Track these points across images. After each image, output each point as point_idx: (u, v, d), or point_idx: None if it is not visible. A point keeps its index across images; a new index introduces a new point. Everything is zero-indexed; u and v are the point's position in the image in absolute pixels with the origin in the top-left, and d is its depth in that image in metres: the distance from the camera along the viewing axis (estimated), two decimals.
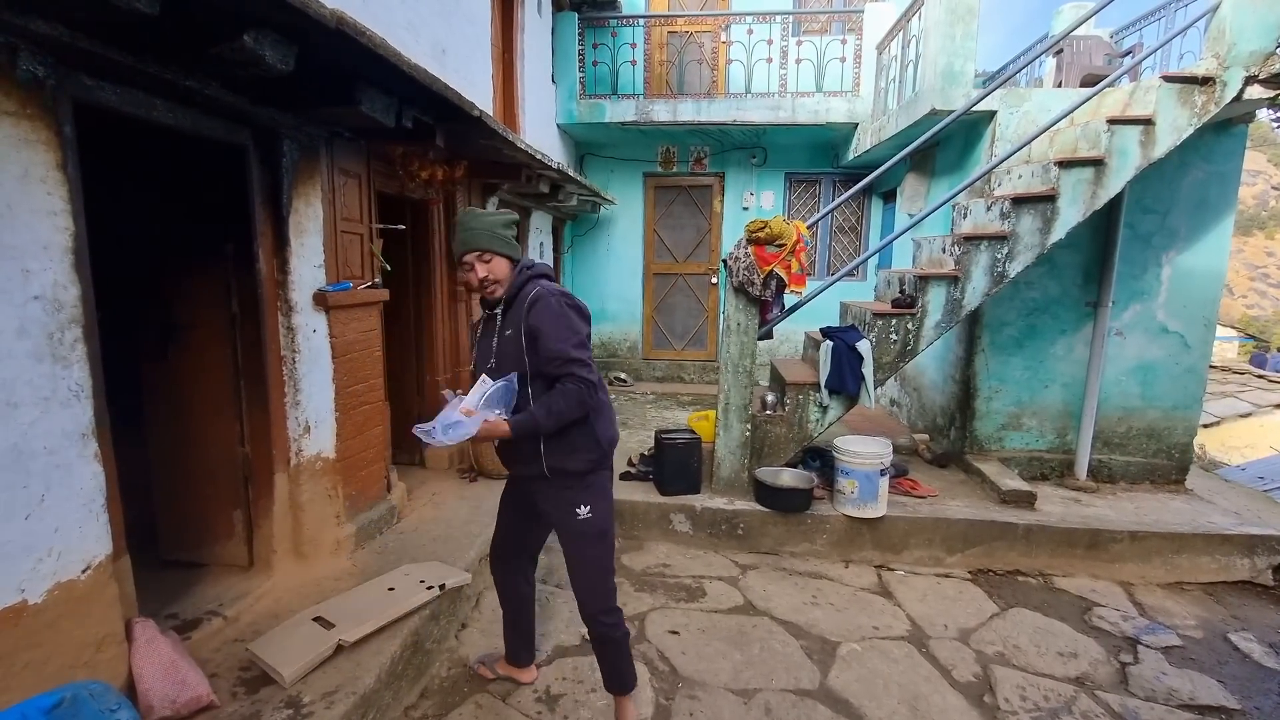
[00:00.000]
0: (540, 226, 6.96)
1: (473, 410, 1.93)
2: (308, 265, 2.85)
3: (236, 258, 2.65)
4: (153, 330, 2.79)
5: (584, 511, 2.12)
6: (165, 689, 1.99)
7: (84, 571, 1.87)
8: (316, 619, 2.47)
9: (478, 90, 4.77)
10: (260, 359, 2.70)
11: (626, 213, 8.37)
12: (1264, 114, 3.55)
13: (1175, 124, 3.69)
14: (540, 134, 6.53)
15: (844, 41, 7.01)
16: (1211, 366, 8.92)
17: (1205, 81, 3.64)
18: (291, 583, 2.84)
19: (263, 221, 2.65)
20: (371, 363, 3.33)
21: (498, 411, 1.97)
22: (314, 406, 2.93)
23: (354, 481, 3.18)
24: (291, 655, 2.26)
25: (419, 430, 1.91)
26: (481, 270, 2.02)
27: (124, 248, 2.73)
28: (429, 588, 2.73)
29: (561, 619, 3.11)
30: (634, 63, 7.26)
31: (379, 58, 2.14)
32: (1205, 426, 8.45)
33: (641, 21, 7.36)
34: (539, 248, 6.92)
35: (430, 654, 2.71)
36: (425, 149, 3.45)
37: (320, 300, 2.89)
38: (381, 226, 3.44)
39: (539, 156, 4.18)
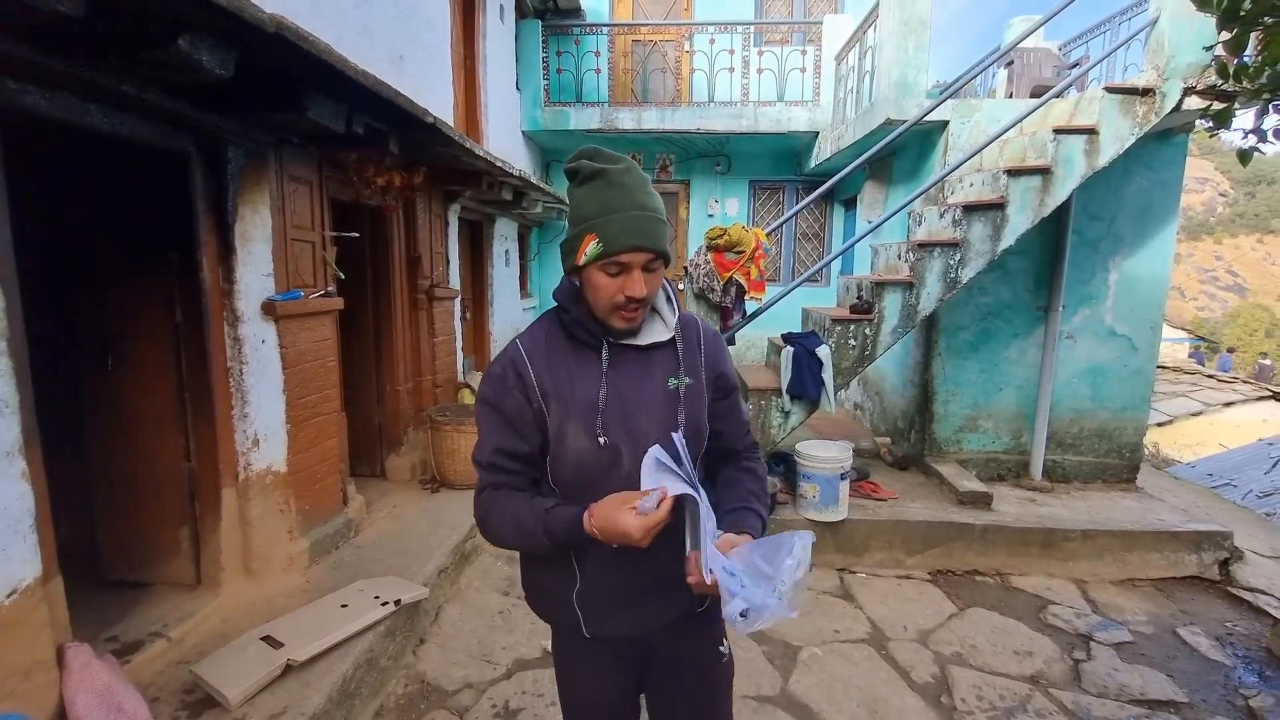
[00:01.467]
0: (505, 234, 6.92)
1: (737, 542, 1.13)
2: (255, 274, 2.78)
3: (179, 267, 2.58)
4: (92, 342, 2.69)
5: (725, 648, 1.43)
6: (99, 717, 1.90)
7: (9, 596, 1.78)
8: (265, 638, 2.40)
9: (438, 97, 4.72)
10: (205, 371, 2.62)
11: None
12: (1202, 123, 3.69)
13: (1118, 133, 3.82)
14: (504, 141, 6.49)
15: (804, 52, 7.13)
16: (1163, 367, 9.25)
17: (1146, 92, 3.78)
18: (241, 601, 2.75)
19: (207, 230, 2.58)
20: (325, 373, 3.26)
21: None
22: (264, 419, 2.85)
23: (307, 495, 3.11)
24: (237, 676, 2.19)
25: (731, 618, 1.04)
26: (648, 284, 1.16)
27: (61, 257, 2.64)
28: (384, 604, 2.67)
29: (523, 630, 3.07)
30: (598, 71, 7.28)
31: (324, 63, 2.11)
32: (1158, 425, 8.73)
33: (605, 30, 7.38)
34: (504, 255, 6.87)
35: (386, 671, 2.64)
36: (380, 155, 3.40)
37: (269, 310, 2.82)
38: (335, 234, 3.38)
39: (499, 164, 4.15)
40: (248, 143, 2.69)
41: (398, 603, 2.71)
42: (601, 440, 1.20)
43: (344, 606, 2.64)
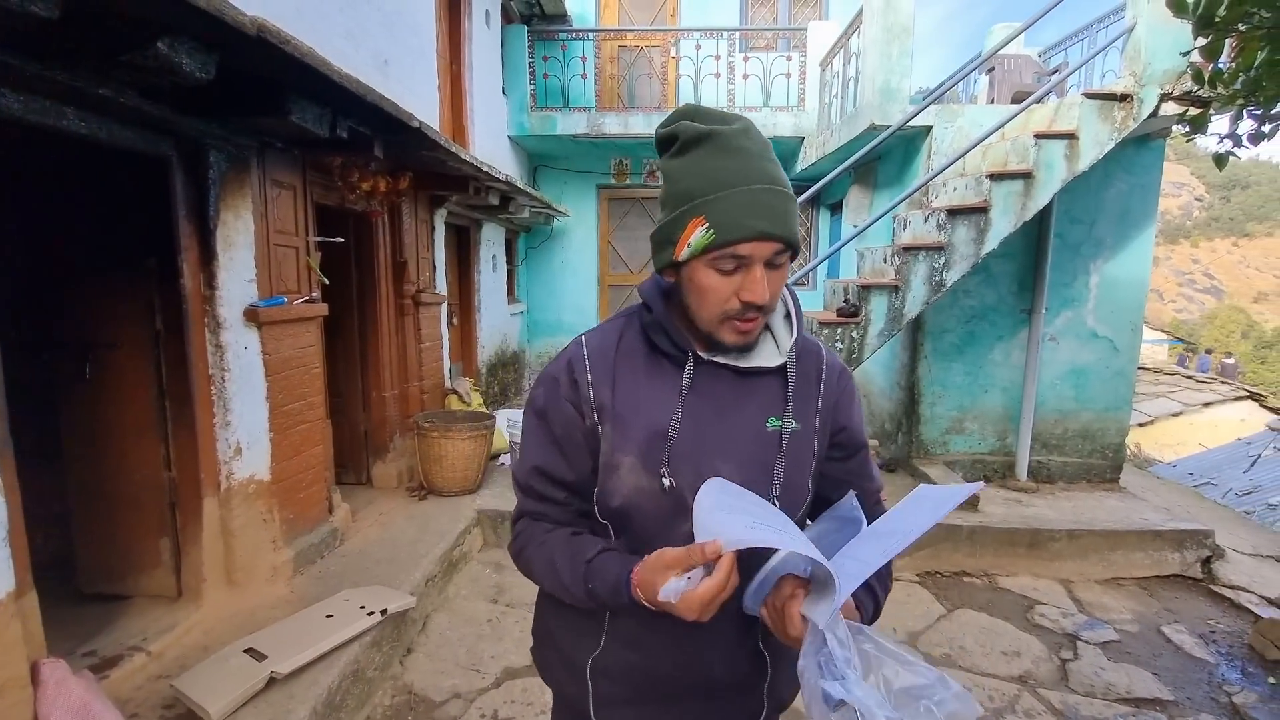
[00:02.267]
0: (492, 239, 6.89)
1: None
2: (237, 280, 2.74)
3: (160, 273, 2.53)
4: (70, 350, 2.64)
5: None
6: None
7: None
8: (248, 650, 2.35)
9: (423, 101, 4.70)
10: (186, 378, 2.58)
11: (580, 224, 8.36)
12: (1179, 128, 3.77)
13: (1097, 138, 3.87)
14: (491, 146, 6.47)
15: (789, 58, 7.18)
16: (1143, 368, 9.38)
17: (1124, 98, 3.84)
18: (223, 613, 2.70)
19: (187, 235, 2.54)
20: (310, 380, 3.22)
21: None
22: (246, 427, 2.81)
23: (291, 504, 3.06)
24: (219, 690, 2.14)
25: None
26: (773, 283, 0.88)
27: (36, 262, 2.59)
28: (370, 613, 2.63)
29: (511, 639, 3.03)
30: (584, 76, 7.29)
31: (306, 66, 2.09)
32: (1139, 426, 8.86)
33: (591, 35, 7.39)
34: (491, 260, 6.84)
35: (372, 682, 2.60)
36: (365, 160, 3.37)
37: (252, 316, 2.78)
38: (320, 239, 3.34)
39: (485, 168, 4.13)
40: (230, 147, 2.65)
41: (384, 612, 2.67)
42: (667, 482, 0.92)
43: (329, 617, 2.60)
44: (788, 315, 1.00)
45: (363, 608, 2.67)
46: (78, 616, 2.56)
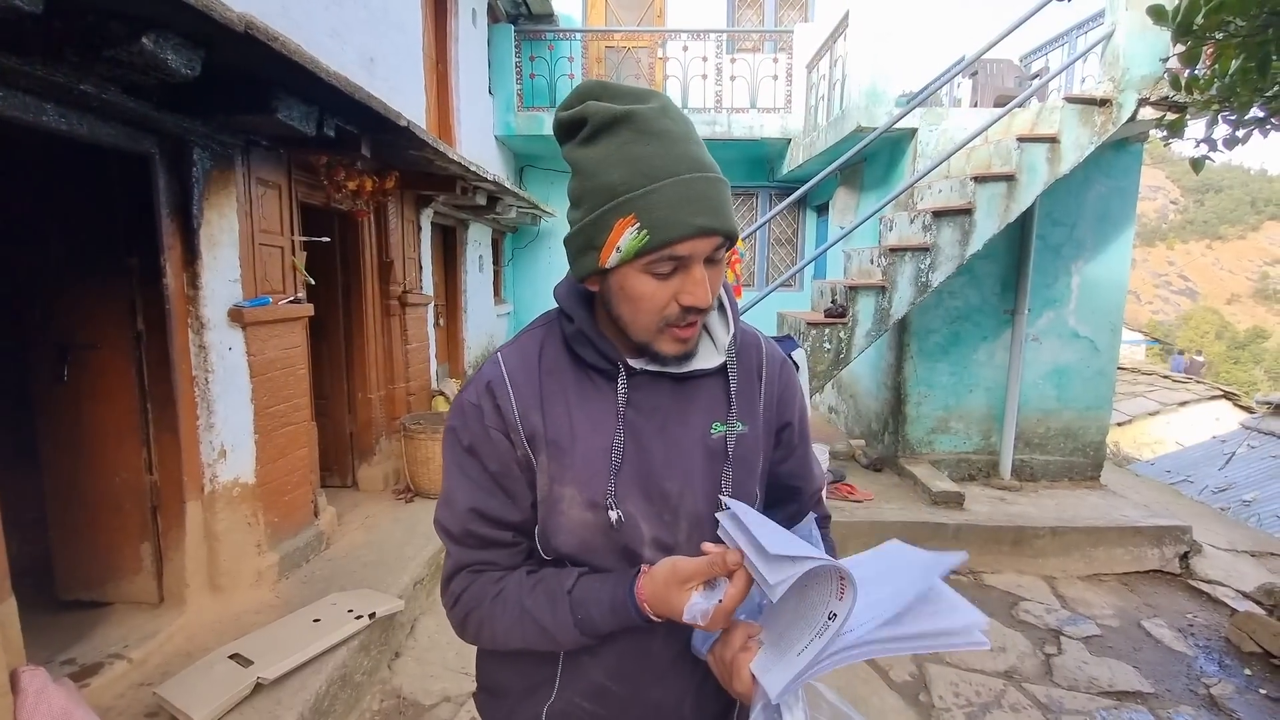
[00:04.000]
0: (479, 239, 6.85)
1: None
2: (221, 280, 2.70)
3: (141, 272, 2.49)
4: (48, 351, 2.58)
5: None
6: None
7: None
8: (233, 656, 2.32)
9: (409, 100, 4.67)
10: (168, 380, 2.53)
11: (567, 225, 8.35)
12: (1156, 133, 3.85)
13: (1078, 142, 3.94)
14: (477, 146, 6.44)
15: (776, 60, 7.22)
16: (1121, 368, 9.55)
17: (1103, 103, 3.91)
18: (207, 619, 2.66)
19: (170, 234, 2.50)
20: (295, 381, 3.18)
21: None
22: (230, 429, 2.77)
23: (277, 507, 3.02)
24: (203, 697, 2.11)
25: None
26: (713, 281, 0.80)
27: (12, 261, 2.53)
28: (358, 617, 2.61)
29: None
30: (571, 76, 7.28)
31: (294, 64, 2.06)
32: (1118, 425, 9.01)
33: (578, 35, 7.39)
34: (478, 261, 6.81)
35: (360, 687, 2.58)
36: (351, 159, 3.34)
37: (236, 316, 2.74)
38: (305, 239, 3.30)
39: (473, 168, 4.11)
40: (214, 145, 2.61)
41: (372, 616, 2.64)
42: (614, 515, 0.81)
43: (316, 621, 2.57)
44: (721, 308, 0.90)
45: (350, 611, 2.64)
46: (56, 624, 2.51)
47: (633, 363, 0.84)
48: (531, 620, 0.81)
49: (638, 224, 0.73)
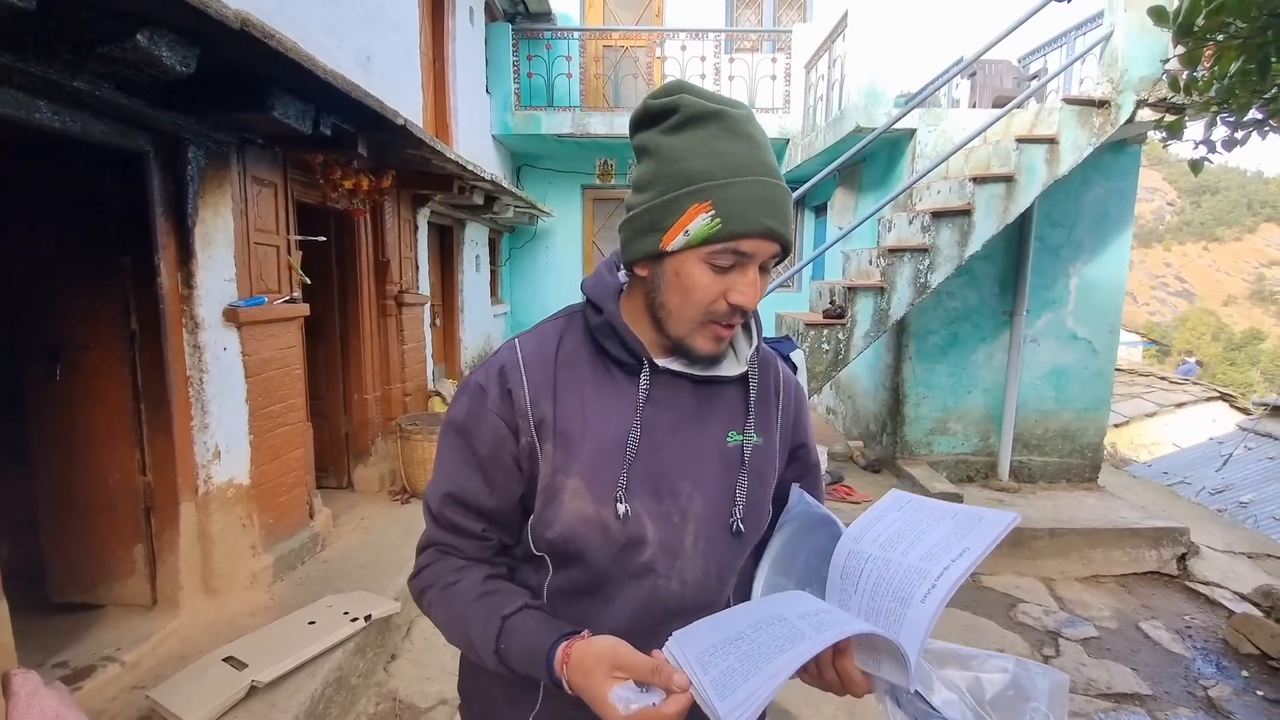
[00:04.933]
0: (476, 239, 6.83)
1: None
2: (217, 279, 2.68)
3: (135, 271, 2.47)
4: (40, 351, 2.55)
5: None
6: None
7: None
8: (227, 659, 2.30)
9: (406, 99, 4.64)
10: (163, 380, 2.51)
11: (565, 225, 8.33)
12: (1155, 134, 3.86)
13: (1076, 143, 3.93)
14: (474, 145, 6.42)
15: (774, 60, 7.22)
16: (1119, 369, 9.58)
17: (1102, 104, 3.90)
18: (201, 621, 2.64)
19: (165, 233, 2.47)
20: (290, 381, 3.16)
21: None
22: (225, 430, 2.74)
23: (271, 509, 3.00)
24: (197, 700, 2.09)
25: None
26: (761, 287, 0.82)
27: (5, 261, 2.50)
28: (354, 619, 2.59)
29: None
30: (569, 75, 7.26)
31: (290, 62, 2.04)
32: (1115, 426, 9.02)
33: (576, 34, 7.37)
34: (475, 261, 6.79)
35: (356, 690, 2.56)
36: (348, 158, 3.32)
37: (231, 316, 2.72)
38: (301, 238, 3.28)
39: (470, 167, 4.09)
40: (209, 143, 2.59)
41: (368, 618, 2.62)
42: (622, 509, 0.80)
43: (311, 623, 2.55)
44: (745, 324, 0.92)
45: (346, 613, 2.62)
46: (48, 627, 2.48)
47: (657, 360, 0.84)
48: (464, 627, 0.82)
49: (712, 211, 0.74)
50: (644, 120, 0.82)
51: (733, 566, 0.88)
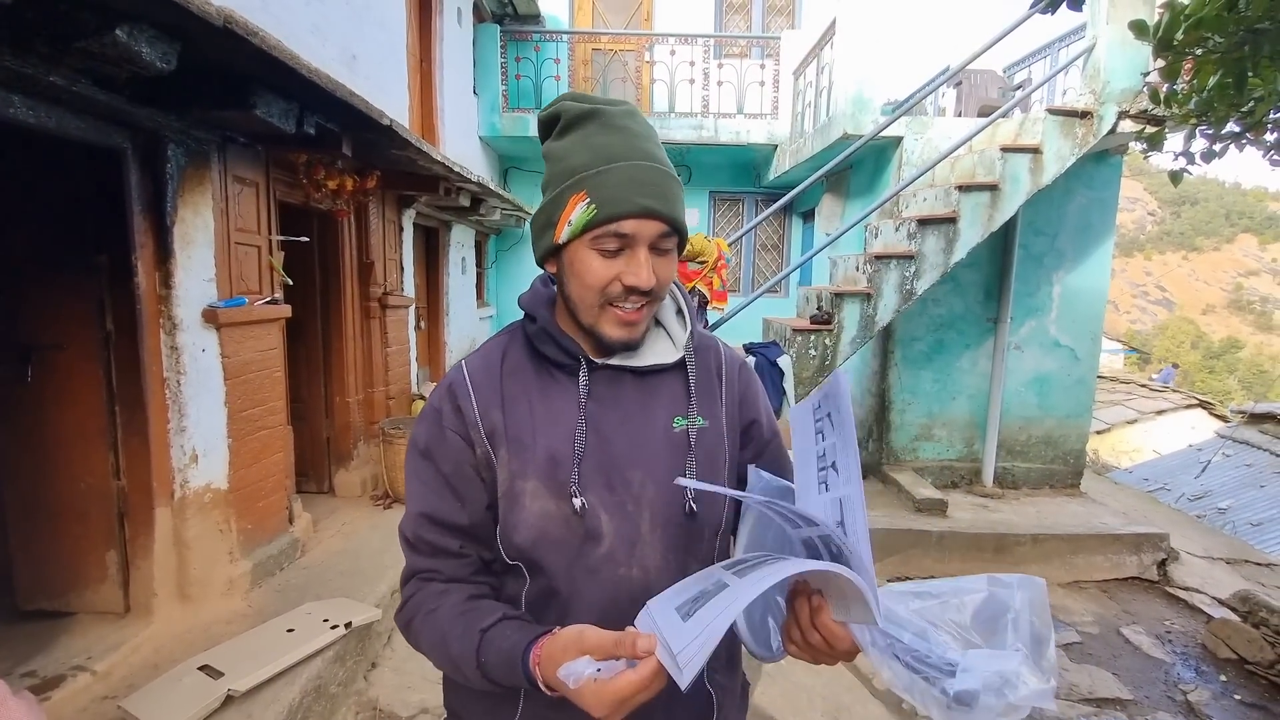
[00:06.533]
0: (462, 241, 6.79)
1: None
2: (196, 279, 2.63)
3: (112, 271, 2.42)
4: (11, 352, 2.49)
5: None
6: None
7: None
8: (203, 668, 2.25)
9: (392, 99, 4.61)
10: (138, 382, 2.46)
11: None
12: (1136, 145, 3.92)
13: (1059, 153, 3.98)
14: (461, 146, 6.38)
15: (763, 66, 7.24)
16: (1100, 377, 9.71)
17: (1084, 115, 3.95)
18: (175, 629, 2.58)
19: (143, 231, 2.43)
20: (271, 384, 3.11)
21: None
22: (203, 433, 2.69)
23: (250, 514, 2.94)
24: (171, 710, 2.04)
25: None
26: (658, 270, 0.82)
27: None
28: (333, 627, 2.55)
29: None
30: (558, 78, 7.24)
31: (274, 60, 2.01)
32: (1097, 433, 9.13)
33: (565, 37, 7.36)
34: (460, 263, 6.74)
35: (336, 699, 2.51)
36: (332, 158, 3.28)
37: (210, 317, 2.67)
38: (283, 239, 3.24)
39: (456, 169, 4.06)
40: (189, 141, 2.55)
41: (348, 625, 2.58)
42: (578, 503, 0.83)
43: (290, 631, 2.50)
44: (679, 312, 0.96)
45: (325, 621, 2.58)
46: (16, 634, 2.42)
47: (594, 358, 0.88)
48: (445, 645, 0.82)
49: (588, 199, 0.79)
50: (540, 132, 0.89)
51: (692, 549, 0.89)
